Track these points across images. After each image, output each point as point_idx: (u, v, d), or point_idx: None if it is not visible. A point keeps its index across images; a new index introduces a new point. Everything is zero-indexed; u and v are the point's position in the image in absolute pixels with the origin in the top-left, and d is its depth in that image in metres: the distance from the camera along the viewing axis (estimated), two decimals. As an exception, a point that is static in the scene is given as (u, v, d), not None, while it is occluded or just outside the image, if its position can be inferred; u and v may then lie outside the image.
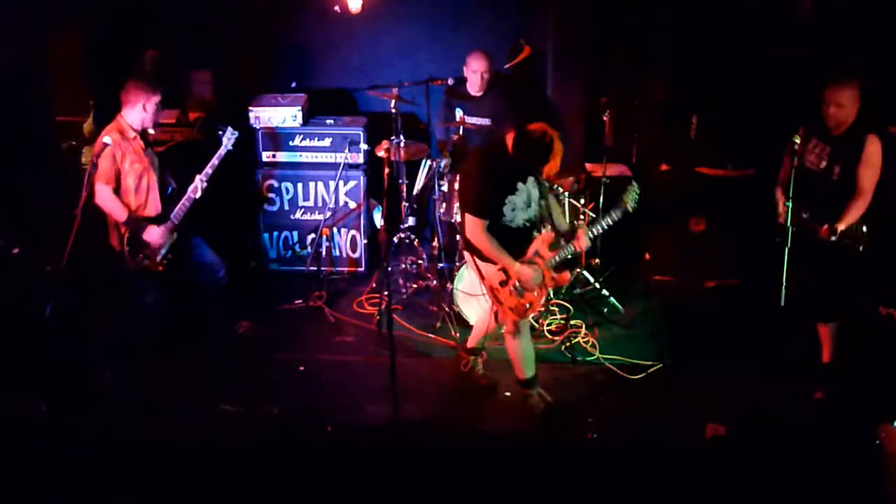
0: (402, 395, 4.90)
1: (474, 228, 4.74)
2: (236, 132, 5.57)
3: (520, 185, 4.78)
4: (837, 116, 4.86)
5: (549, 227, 4.96)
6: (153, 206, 5.36)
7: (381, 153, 6.23)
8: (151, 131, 5.52)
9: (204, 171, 5.41)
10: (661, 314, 6.17)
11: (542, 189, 4.88)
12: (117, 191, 5.24)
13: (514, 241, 4.81)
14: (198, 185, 5.39)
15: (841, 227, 4.80)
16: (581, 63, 7.04)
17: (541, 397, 5.13)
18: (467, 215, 4.78)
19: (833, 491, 4.29)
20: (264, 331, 5.96)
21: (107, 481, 4.42)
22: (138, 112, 5.26)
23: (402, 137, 6.10)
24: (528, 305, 4.83)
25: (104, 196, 5.18)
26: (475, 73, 6.41)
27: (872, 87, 5.38)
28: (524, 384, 5.14)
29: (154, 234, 5.31)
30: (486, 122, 6.54)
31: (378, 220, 6.93)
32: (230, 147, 5.52)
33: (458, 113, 6.48)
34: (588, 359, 5.70)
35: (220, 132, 5.55)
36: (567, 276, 4.95)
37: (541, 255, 4.82)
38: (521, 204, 4.80)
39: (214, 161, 5.44)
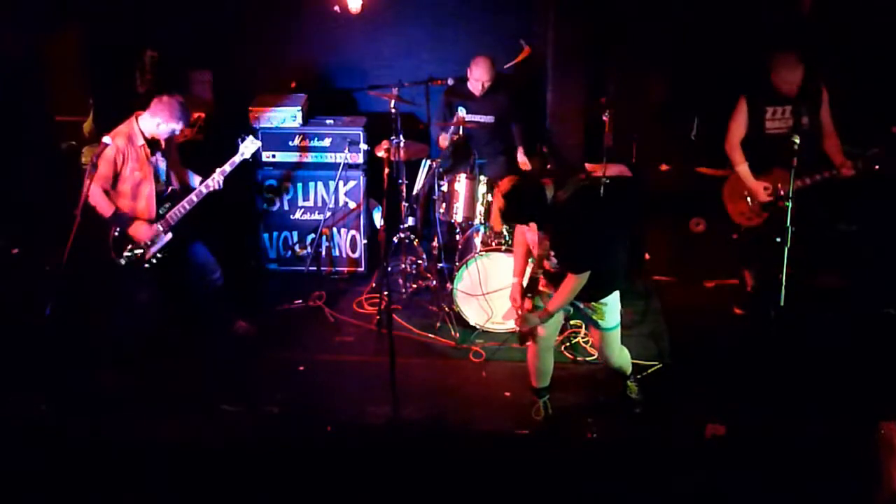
0: (402, 395, 4.91)
1: None
2: (259, 143, 5.61)
3: None
4: (796, 84, 5.47)
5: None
6: (146, 212, 5.37)
7: (380, 153, 6.23)
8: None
9: (215, 179, 5.41)
10: (661, 314, 6.17)
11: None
12: (110, 193, 5.25)
13: None
14: (203, 188, 5.41)
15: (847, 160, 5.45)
16: (581, 63, 7.03)
17: (544, 408, 5.14)
18: None
19: (833, 491, 4.29)
20: (263, 330, 5.96)
21: (107, 481, 4.42)
22: (152, 124, 5.27)
23: (401, 137, 6.10)
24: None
25: (94, 194, 5.19)
26: (476, 80, 6.44)
27: (872, 86, 5.41)
28: (533, 391, 5.16)
29: (140, 231, 5.33)
30: (488, 119, 6.54)
31: (378, 220, 6.93)
32: (248, 156, 5.54)
33: (461, 112, 6.49)
34: (588, 359, 5.70)
35: (240, 140, 5.55)
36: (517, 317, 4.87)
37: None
38: None
39: (227, 168, 5.45)
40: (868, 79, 6.25)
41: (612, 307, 4.80)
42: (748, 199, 5.72)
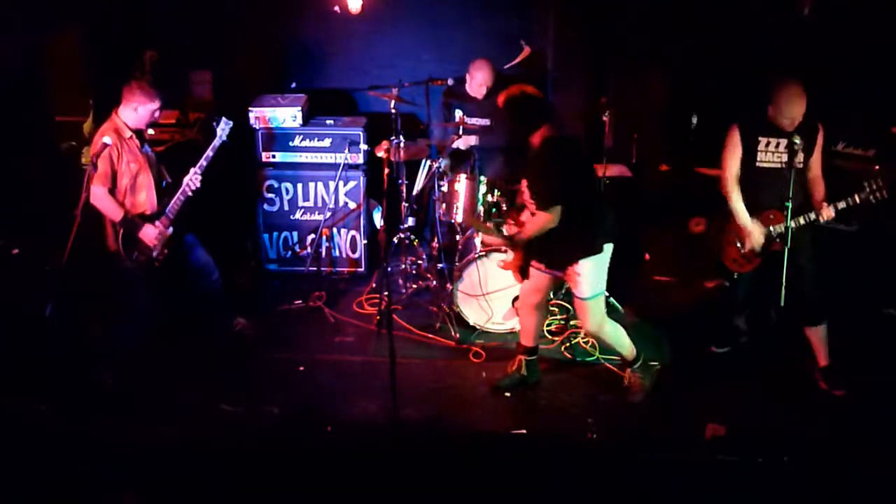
0: (402, 395, 4.90)
1: None
2: (230, 122, 5.55)
3: None
4: (797, 119, 4.94)
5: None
6: (149, 205, 5.38)
7: (380, 153, 6.23)
8: (151, 131, 5.53)
9: (198, 164, 5.41)
10: (661, 314, 6.17)
11: None
12: (113, 191, 5.26)
13: None
14: (193, 177, 5.40)
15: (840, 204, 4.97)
16: (581, 63, 7.04)
17: (522, 365, 5.34)
18: None
19: (833, 491, 4.29)
20: (263, 330, 5.96)
21: (107, 482, 4.42)
22: (131, 112, 5.29)
23: (401, 138, 6.10)
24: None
25: (99, 196, 5.21)
26: (478, 85, 6.45)
27: (873, 86, 5.38)
28: (519, 347, 5.40)
29: (149, 234, 5.33)
30: (486, 122, 6.55)
31: (378, 220, 6.93)
32: (224, 138, 5.51)
33: (458, 113, 6.49)
34: (588, 359, 5.70)
35: (215, 123, 5.55)
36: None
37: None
38: None
39: (209, 153, 5.44)
40: (868, 79, 6.25)
41: (586, 277, 4.91)
42: (737, 243, 5.22)
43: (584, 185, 4.94)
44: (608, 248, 4.95)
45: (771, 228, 5.07)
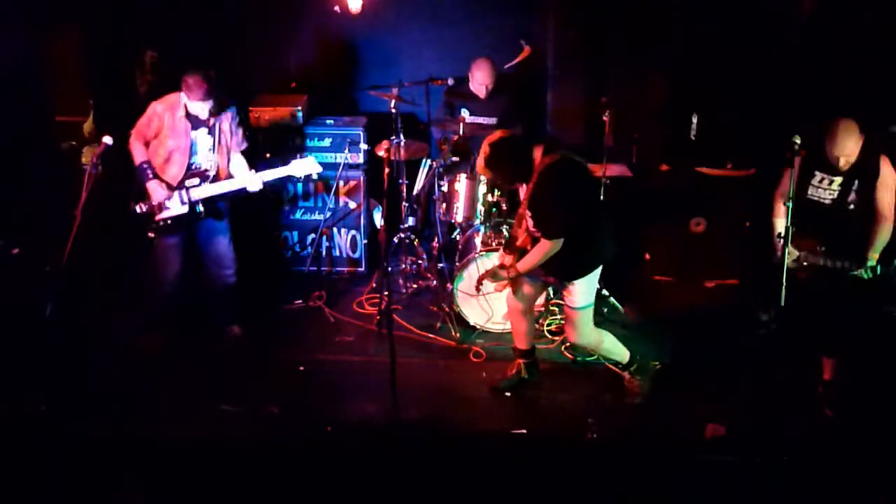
0: (402, 395, 4.91)
1: None
2: (318, 167, 5.73)
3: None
4: (849, 160, 4.75)
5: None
6: (174, 181, 5.43)
7: (381, 153, 6.23)
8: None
9: (253, 180, 5.54)
10: (661, 314, 6.17)
11: None
12: (149, 144, 5.42)
13: None
14: (237, 184, 5.51)
15: (875, 256, 4.72)
16: (581, 63, 7.04)
17: (521, 368, 5.32)
18: None
19: (832, 489, 4.29)
20: (263, 331, 5.96)
21: (107, 481, 4.42)
22: (188, 101, 5.41)
23: (402, 137, 6.10)
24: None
25: (131, 140, 5.41)
26: (479, 84, 6.44)
27: (873, 87, 5.36)
28: (514, 351, 5.37)
29: (155, 190, 5.39)
30: (491, 121, 6.54)
31: (378, 220, 6.93)
32: (296, 174, 5.67)
33: (463, 112, 6.49)
34: (588, 359, 5.70)
35: (298, 156, 5.73)
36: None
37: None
38: None
39: (268, 175, 5.59)
40: (868, 79, 6.25)
41: (580, 288, 4.89)
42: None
43: (587, 209, 4.79)
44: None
45: (800, 254, 4.83)
